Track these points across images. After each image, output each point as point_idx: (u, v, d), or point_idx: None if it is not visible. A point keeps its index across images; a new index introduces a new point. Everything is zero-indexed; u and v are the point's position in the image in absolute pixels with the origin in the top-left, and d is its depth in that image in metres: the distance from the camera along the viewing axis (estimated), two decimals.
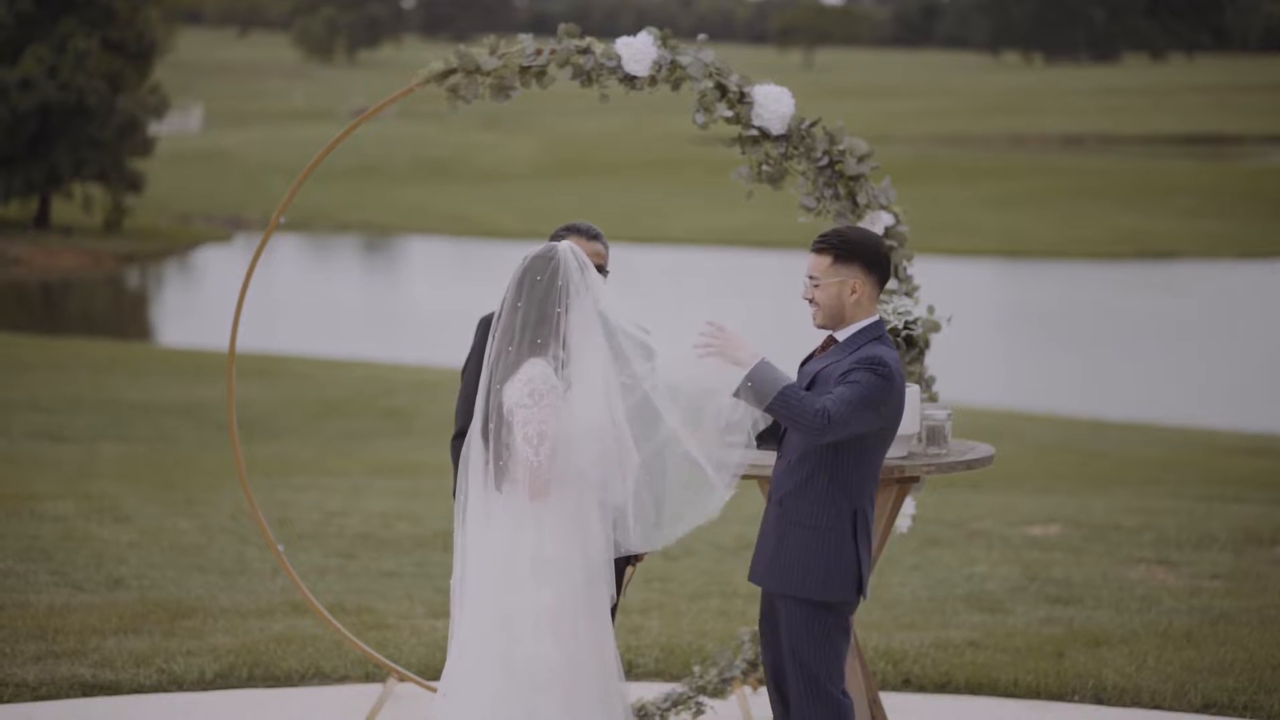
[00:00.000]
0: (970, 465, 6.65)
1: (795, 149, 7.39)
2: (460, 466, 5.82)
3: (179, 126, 71.23)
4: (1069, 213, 52.38)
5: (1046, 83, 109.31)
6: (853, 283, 5.87)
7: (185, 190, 56.27)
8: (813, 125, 7.39)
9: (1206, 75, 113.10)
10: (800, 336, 6.33)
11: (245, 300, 7.81)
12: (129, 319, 39.68)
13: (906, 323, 7.33)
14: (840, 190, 7.46)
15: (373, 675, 8.47)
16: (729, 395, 5.75)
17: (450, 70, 7.35)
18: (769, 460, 6.24)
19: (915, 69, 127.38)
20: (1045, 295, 39.55)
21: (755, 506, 13.06)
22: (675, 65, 7.27)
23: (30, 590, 10.19)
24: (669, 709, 7.64)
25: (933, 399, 7.53)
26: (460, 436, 6.23)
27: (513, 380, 5.63)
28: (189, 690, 8.23)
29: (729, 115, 7.34)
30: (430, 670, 8.32)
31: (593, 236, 6.55)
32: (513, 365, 5.65)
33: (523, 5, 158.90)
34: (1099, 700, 8.26)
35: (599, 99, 7.43)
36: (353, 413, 22.45)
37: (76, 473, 16.47)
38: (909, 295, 7.51)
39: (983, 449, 6.83)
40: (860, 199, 7.45)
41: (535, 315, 5.65)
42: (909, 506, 7.55)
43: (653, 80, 7.29)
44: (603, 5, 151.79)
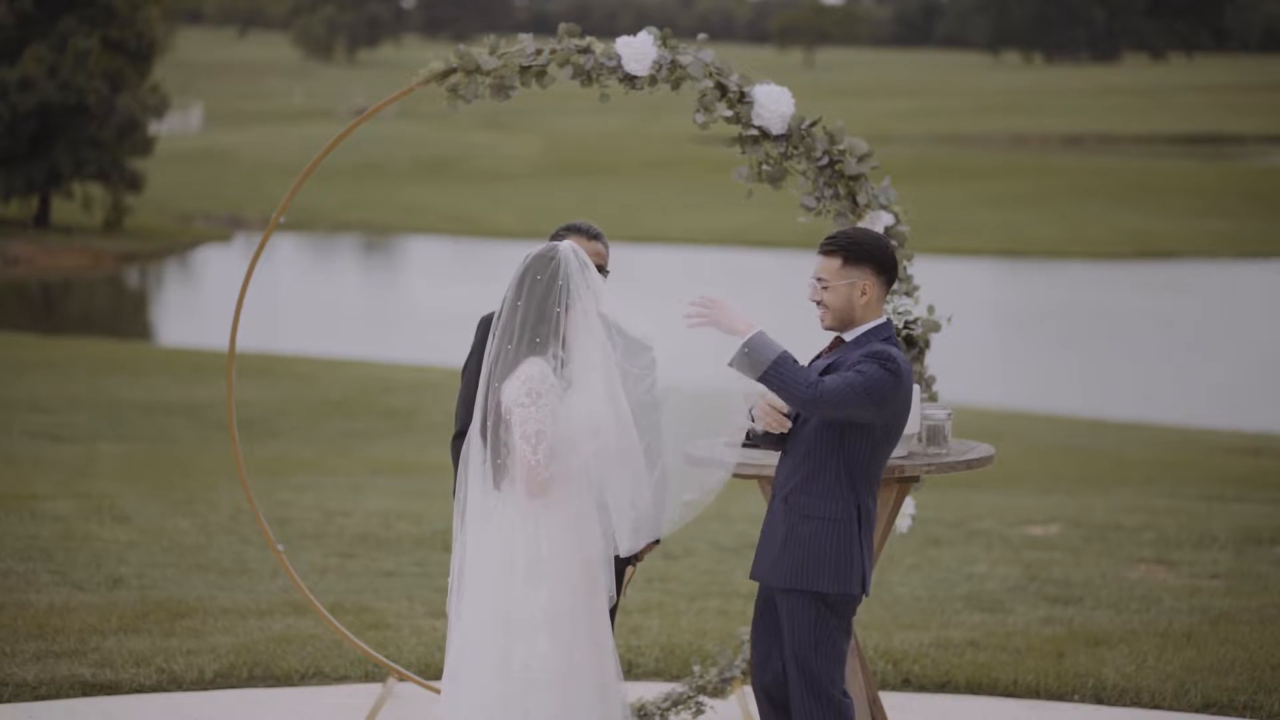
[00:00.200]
0: (970, 465, 6.65)
1: (795, 149, 7.38)
2: (460, 465, 5.83)
3: (179, 126, 71.23)
4: (1069, 213, 52.37)
5: (1046, 83, 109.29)
6: (863, 284, 5.86)
7: (185, 190, 56.25)
8: (813, 125, 7.39)
9: (1206, 75, 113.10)
10: (800, 337, 6.32)
11: (245, 300, 7.81)
12: (129, 319, 39.68)
13: (906, 323, 7.34)
14: (840, 190, 7.45)
15: (373, 675, 8.47)
16: (729, 402, 5.75)
17: (450, 70, 7.34)
18: (771, 460, 6.24)
19: (915, 69, 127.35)
20: (1045, 295, 39.55)
21: (756, 506, 13.08)
22: (675, 65, 7.27)
23: (30, 590, 10.19)
24: (669, 709, 7.64)
25: (933, 399, 7.53)
26: (460, 436, 6.23)
27: (511, 379, 5.63)
28: (189, 690, 8.23)
29: (729, 115, 7.33)
30: (430, 670, 8.32)
31: (593, 236, 6.55)
32: (511, 364, 5.65)
33: (523, 5, 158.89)
34: (1099, 700, 8.25)
35: (599, 99, 7.43)
36: (353, 413, 22.45)
37: (76, 472, 16.47)
38: (909, 295, 7.51)
39: (983, 449, 6.83)
40: (860, 199, 7.44)
41: (535, 314, 5.65)
42: (909, 506, 7.55)
43: (653, 80, 7.29)
44: (603, 5, 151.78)
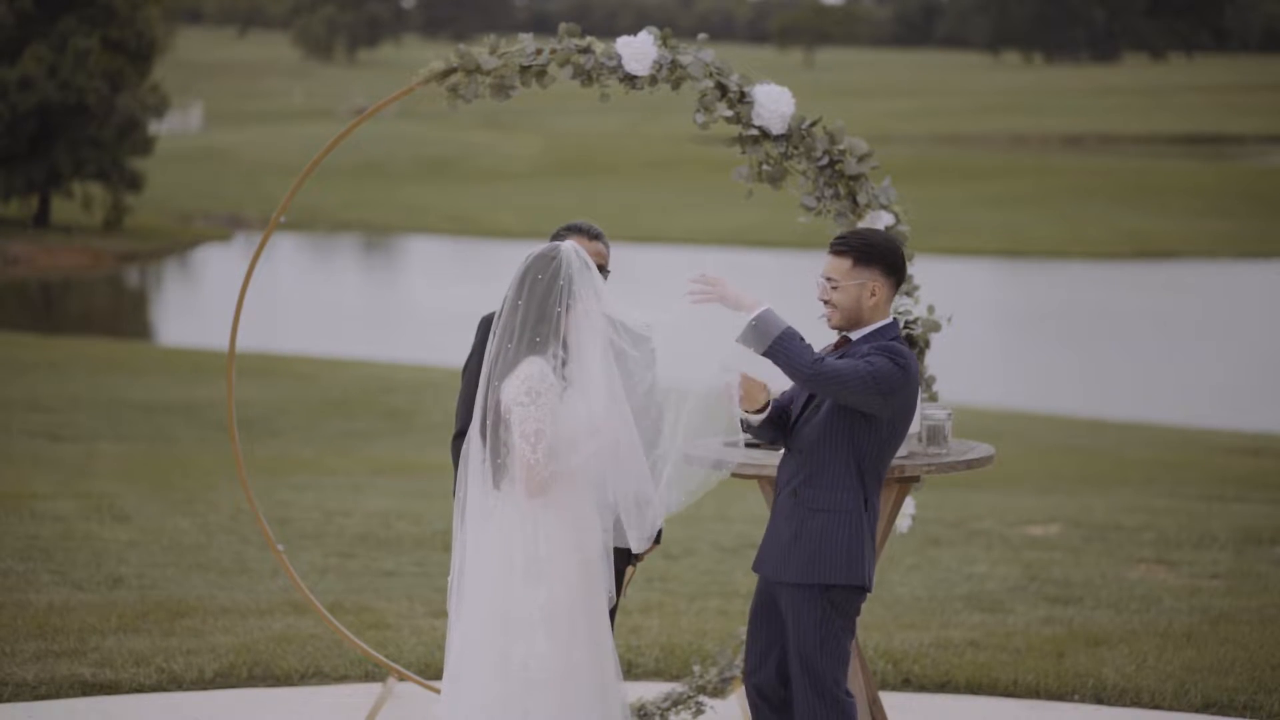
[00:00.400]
0: (970, 465, 6.66)
1: (795, 149, 7.38)
2: (460, 464, 5.83)
3: (179, 125, 71.24)
4: (1069, 213, 52.37)
5: (1046, 83, 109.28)
6: (872, 285, 5.86)
7: (185, 189, 56.26)
8: (813, 125, 7.38)
9: (1206, 75, 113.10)
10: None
11: (245, 299, 7.80)
12: (129, 318, 39.68)
13: (907, 323, 7.34)
14: (840, 190, 7.45)
15: (373, 675, 8.47)
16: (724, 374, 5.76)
17: (450, 69, 7.34)
18: (772, 461, 6.23)
19: (915, 69, 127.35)
20: (1045, 295, 39.55)
21: (756, 506, 13.08)
22: (675, 65, 7.26)
23: (30, 589, 10.18)
24: (669, 709, 7.64)
25: (933, 399, 7.53)
26: (460, 436, 6.23)
27: (510, 378, 5.63)
28: (189, 690, 8.23)
29: (729, 115, 7.33)
30: (430, 670, 8.32)
31: (594, 236, 6.55)
32: (511, 363, 5.65)
33: (523, 5, 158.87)
34: (1099, 700, 8.25)
35: (599, 98, 7.43)
36: (353, 412, 22.44)
37: (76, 472, 16.47)
38: (909, 295, 7.51)
39: (983, 449, 6.83)
40: (860, 198, 7.44)
41: (535, 314, 5.65)
42: (909, 506, 7.55)
43: (653, 80, 7.28)
44: (603, 5, 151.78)
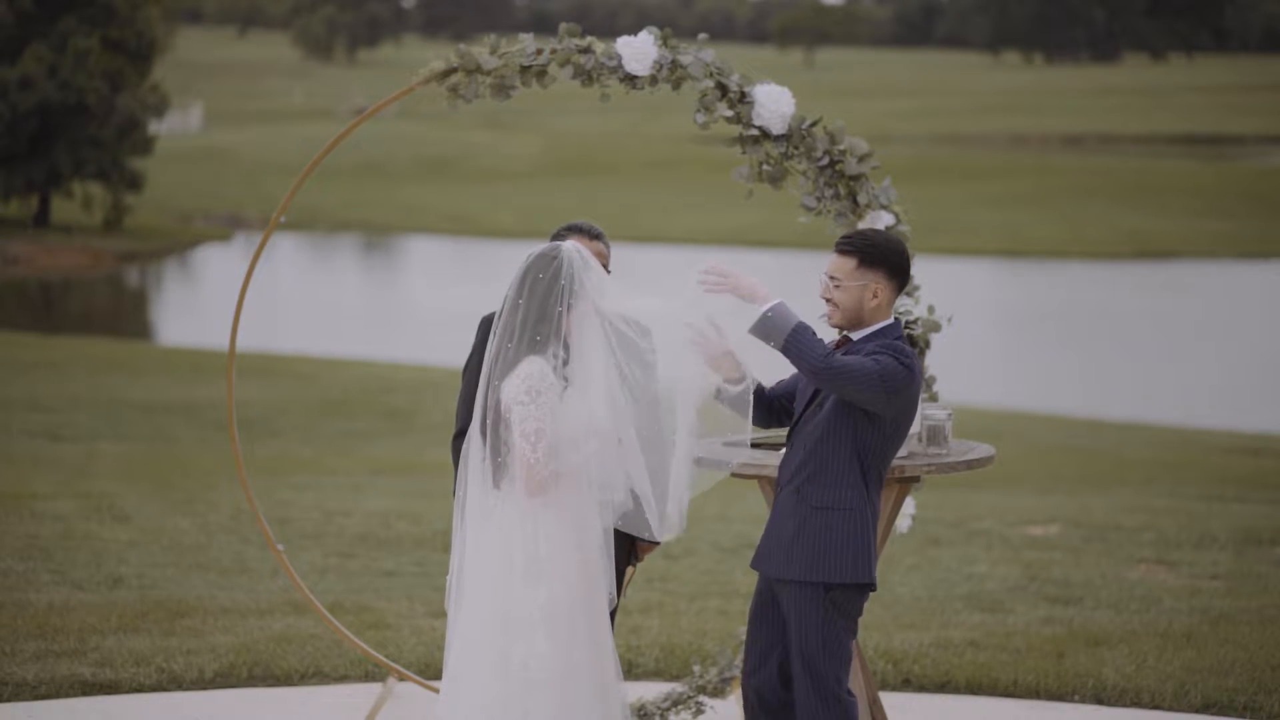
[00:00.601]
0: (970, 465, 6.65)
1: (796, 149, 7.37)
2: (460, 464, 5.83)
3: (179, 125, 71.22)
4: (1069, 213, 52.38)
5: (1046, 83, 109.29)
6: (874, 287, 5.86)
7: (185, 189, 56.26)
8: (813, 125, 7.38)
9: (1206, 75, 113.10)
10: None
11: (245, 299, 7.80)
12: (129, 318, 39.67)
13: (907, 323, 7.34)
14: (841, 190, 7.45)
15: (373, 675, 8.47)
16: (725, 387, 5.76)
17: (451, 69, 7.34)
18: (772, 461, 6.23)
19: (915, 69, 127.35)
20: (1045, 295, 39.54)
21: (756, 506, 13.07)
22: (676, 65, 7.26)
23: (30, 589, 10.18)
24: (669, 709, 7.64)
25: (933, 399, 7.53)
26: (461, 436, 6.24)
27: (510, 377, 5.64)
28: (189, 689, 8.23)
29: (729, 115, 7.33)
30: (430, 670, 8.31)
31: (595, 236, 6.55)
32: (511, 362, 5.65)
33: (523, 4, 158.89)
34: (1099, 700, 8.25)
35: (599, 98, 7.42)
36: (353, 412, 22.44)
37: (76, 472, 16.46)
38: (909, 295, 7.51)
39: (983, 449, 6.83)
40: (861, 199, 7.44)
41: (536, 313, 5.65)
42: (909, 506, 7.55)
43: (653, 80, 7.28)
44: (603, 5, 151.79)
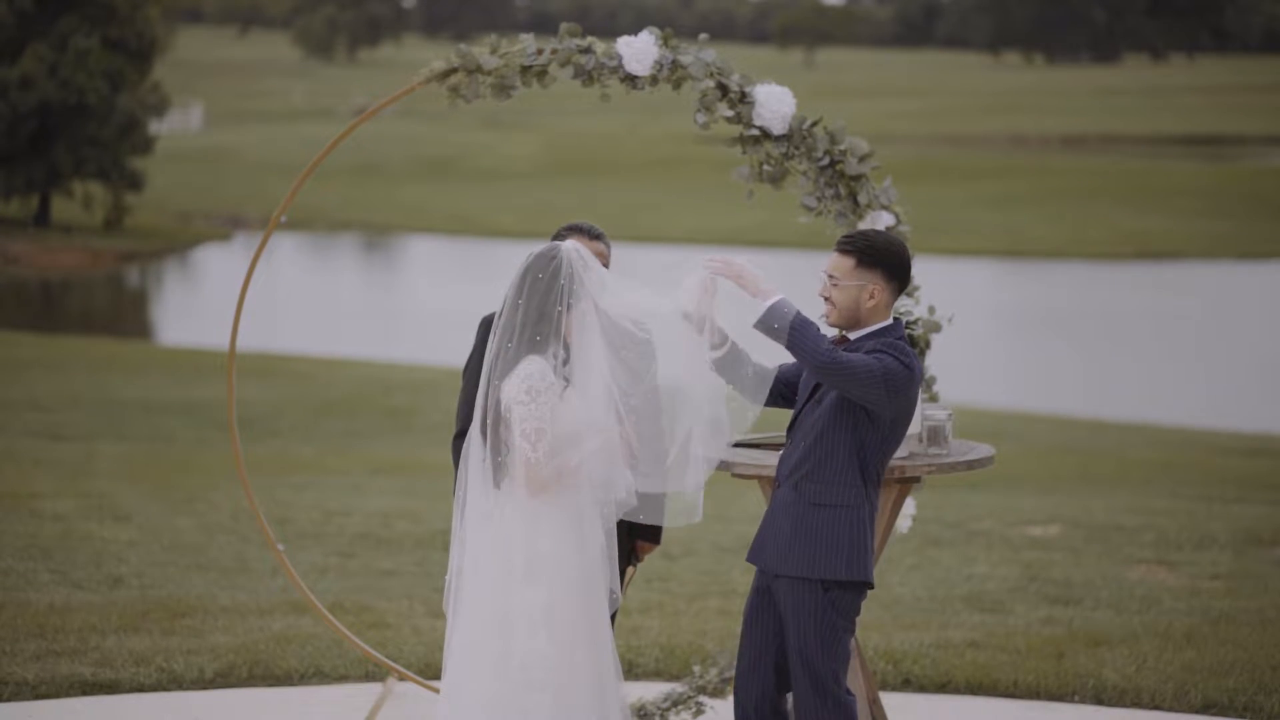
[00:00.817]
0: (970, 465, 6.65)
1: (796, 149, 7.37)
2: (460, 464, 5.83)
3: (179, 125, 71.23)
4: (1069, 213, 52.36)
5: (1046, 83, 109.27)
6: (872, 288, 5.86)
7: (185, 189, 56.25)
8: (814, 125, 7.38)
9: (1207, 75, 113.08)
10: None
11: (245, 299, 7.80)
12: (129, 318, 39.66)
13: (907, 323, 7.34)
14: (841, 190, 7.45)
15: (373, 674, 8.47)
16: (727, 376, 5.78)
17: (451, 69, 7.34)
18: (771, 461, 6.23)
19: (915, 69, 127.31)
20: (1045, 295, 39.53)
21: (756, 506, 13.07)
22: (676, 65, 7.26)
23: (30, 589, 10.18)
24: (669, 709, 7.64)
25: (933, 399, 7.53)
26: (461, 436, 6.24)
27: (510, 377, 5.64)
28: (189, 689, 8.23)
29: (730, 115, 7.33)
30: (430, 669, 8.31)
31: (595, 236, 6.56)
32: (511, 362, 5.66)
33: (523, 4, 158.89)
34: (1099, 700, 8.25)
35: (600, 98, 7.43)
36: (353, 412, 22.44)
37: (76, 471, 16.45)
38: (909, 295, 7.51)
39: (983, 449, 6.83)
40: (861, 199, 7.44)
41: (536, 313, 5.66)
42: (909, 506, 7.55)
43: (654, 80, 7.28)
44: (603, 5, 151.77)
